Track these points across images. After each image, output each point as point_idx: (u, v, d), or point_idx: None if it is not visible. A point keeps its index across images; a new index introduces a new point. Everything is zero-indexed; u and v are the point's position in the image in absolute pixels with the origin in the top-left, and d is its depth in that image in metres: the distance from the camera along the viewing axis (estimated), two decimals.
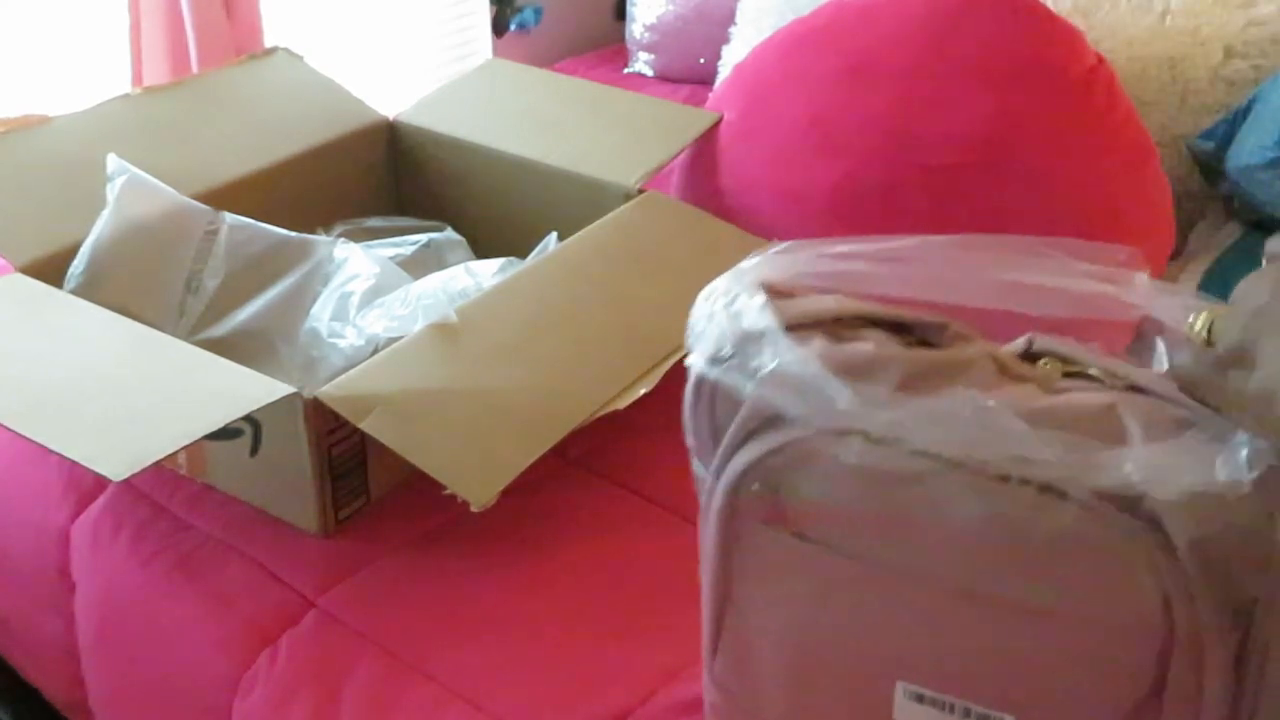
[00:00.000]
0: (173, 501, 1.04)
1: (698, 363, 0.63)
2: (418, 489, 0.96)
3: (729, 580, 0.67)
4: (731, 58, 1.79)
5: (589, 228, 1.17)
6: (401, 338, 1.01)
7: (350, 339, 1.07)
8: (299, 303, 1.13)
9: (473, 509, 0.88)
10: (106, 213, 1.11)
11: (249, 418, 0.95)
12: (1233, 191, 1.41)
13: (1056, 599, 0.58)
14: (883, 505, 0.59)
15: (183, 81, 1.39)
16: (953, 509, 0.58)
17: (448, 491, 0.89)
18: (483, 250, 1.29)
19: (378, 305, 1.09)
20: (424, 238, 1.26)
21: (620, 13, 2.30)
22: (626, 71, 2.16)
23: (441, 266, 1.19)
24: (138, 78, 1.76)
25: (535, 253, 1.18)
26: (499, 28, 2.24)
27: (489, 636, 0.90)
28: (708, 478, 0.65)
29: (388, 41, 2.12)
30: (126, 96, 1.31)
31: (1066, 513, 0.56)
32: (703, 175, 1.37)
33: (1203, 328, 0.55)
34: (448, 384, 0.97)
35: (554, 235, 1.20)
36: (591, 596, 0.93)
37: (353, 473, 0.99)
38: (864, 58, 1.28)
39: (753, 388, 0.60)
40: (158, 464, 0.84)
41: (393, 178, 1.44)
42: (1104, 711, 0.59)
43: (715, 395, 0.63)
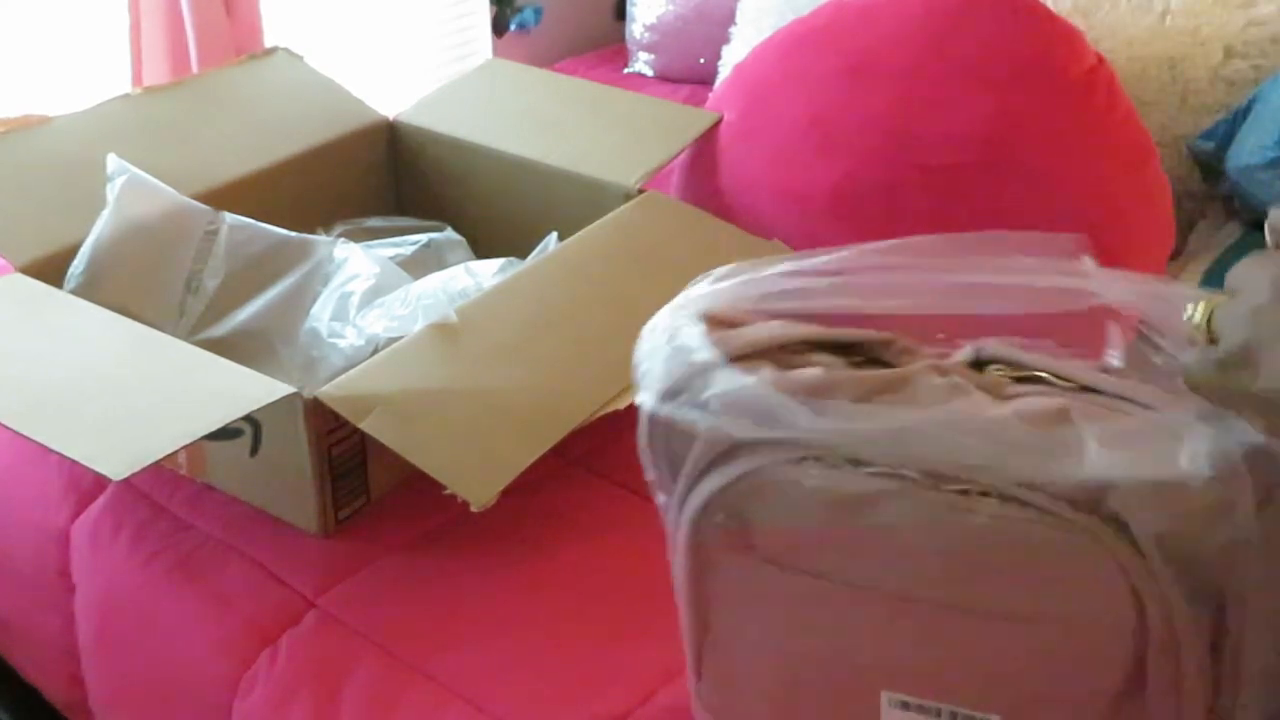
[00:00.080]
0: (173, 501, 1.04)
1: (647, 400, 0.62)
2: (418, 489, 0.96)
3: (704, 608, 0.66)
4: (731, 58, 1.79)
5: (589, 228, 1.17)
6: (401, 338, 1.01)
7: (350, 339, 1.07)
8: (299, 303, 1.13)
9: (473, 509, 0.88)
10: (106, 213, 1.11)
11: (249, 418, 0.95)
12: (1233, 191, 1.41)
13: (1030, 604, 0.58)
14: (848, 526, 0.59)
15: (183, 81, 1.39)
16: (917, 525, 0.58)
17: (448, 491, 0.89)
18: (483, 250, 1.29)
19: (378, 305, 1.09)
20: (424, 238, 1.26)
21: (620, 13, 2.30)
22: (626, 71, 2.16)
23: (441, 266, 1.19)
24: (138, 78, 1.76)
25: (535, 253, 1.18)
26: (499, 28, 2.24)
27: (489, 636, 0.90)
28: (671, 509, 0.65)
29: (388, 41, 2.13)
30: (126, 96, 1.31)
31: (1029, 520, 0.56)
32: (703, 175, 1.37)
33: (1201, 319, 0.54)
34: (448, 384, 0.97)
35: (554, 235, 1.20)
36: (592, 596, 0.93)
37: (353, 473, 0.99)
38: (864, 58, 1.28)
39: (707, 420, 0.60)
40: (158, 464, 0.84)
41: (393, 178, 1.44)
42: (1088, 705, 0.59)
43: (669, 430, 0.63)
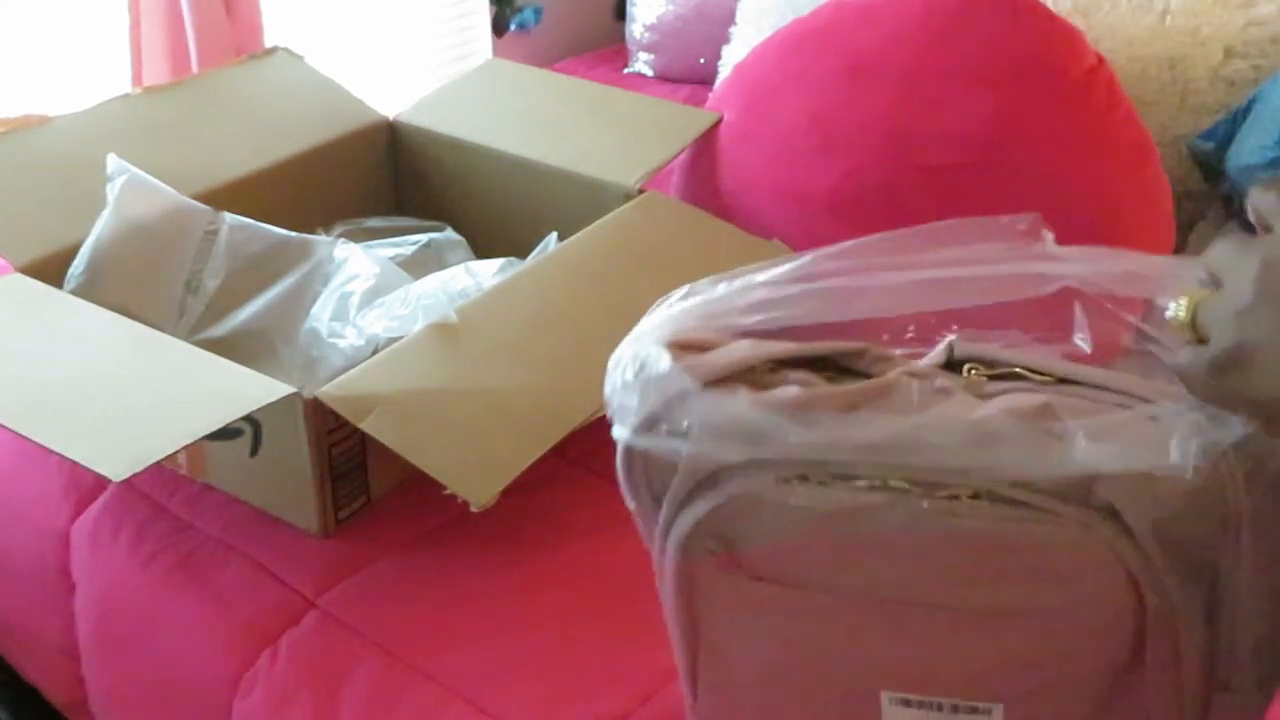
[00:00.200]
0: (173, 502, 1.04)
1: (623, 434, 0.61)
2: (418, 489, 0.96)
3: (695, 627, 0.66)
4: (731, 58, 1.79)
5: (589, 228, 1.17)
6: (401, 338, 1.01)
7: (350, 339, 1.07)
8: (299, 303, 1.13)
9: (473, 509, 0.88)
10: (106, 213, 1.11)
11: (249, 418, 0.95)
12: (1233, 191, 1.41)
13: (1028, 599, 0.58)
14: (840, 539, 0.59)
15: (183, 81, 1.39)
16: (910, 535, 0.58)
17: (448, 491, 0.89)
18: (483, 250, 1.29)
19: (378, 305, 1.09)
20: (424, 238, 1.26)
21: (620, 13, 2.30)
22: (626, 71, 2.16)
23: (441, 266, 1.19)
24: (138, 78, 1.76)
25: (535, 253, 1.18)
26: (499, 28, 2.24)
27: (489, 636, 0.90)
28: (655, 536, 0.64)
29: (388, 41, 2.12)
30: (126, 96, 1.31)
31: (1023, 519, 0.56)
32: (703, 175, 1.37)
33: (1187, 315, 0.54)
34: (448, 384, 0.96)
35: (554, 235, 1.20)
36: (591, 596, 0.93)
37: (353, 473, 0.99)
38: (864, 58, 1.28)
39: (690, 447, 0.59)
40: (158, 464, 0.84)
41: (393, 178, 1.44)
42: (1088, 684, 0.60)
43: (648, 461, 0.62)
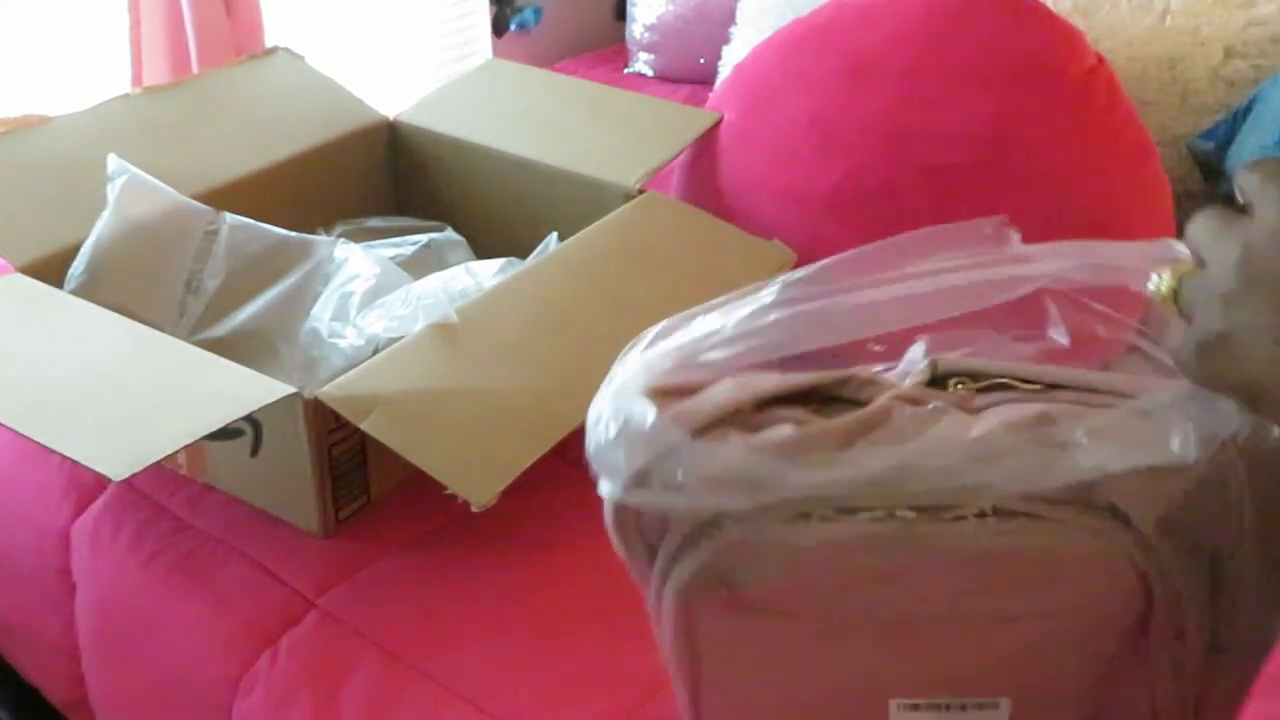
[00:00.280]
0: (173, 501, 1.04)
1: (613, 490, 0.59)
2: (418, 489, 0.96)
3: (697, 666, 0.65)
4: (731, 58, 1.79)
5: (589, 228, 1.17)
6: (402, 338, 1.01)
7: (350, 339, 1.07)
8: (299, 303, 1.13)
9: (473, 509, 0.88)
10: (106, 213, 1.11)
11: (249, 418, 0.95)
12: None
13: (1037, 604, 0.58)
14: (846, 571, 0.58)
15: (183, 81, 1.39)
16: (920, 561, 0.57)
17: (448, 491, 0.89)
18: (483, 250, 1.29)
19: (378, 305, 1.09)
20: (424, 238, 1.26)
21: (620, 13, 2.30)
22: (626, 71, 2.16)
23: (442, 266, 1.19)
24: (138, 78, 1.76)
25: (536, 253, 1.18)
26: (499, 28, 2.24)
27: (489, 636, 0.90)
28: (651, 583, 0.62)
29: (388, 41, 2.13)
30: (126, 96, 1.31)
31: (1031, 531, 0.56)
32: (703, 175, 1.37)
33: (1169, 290, 0.54)
34: (448, 384, 0.97)
35: (554, 235, 1.20)
36: (591, 596, 0.93)
37: (353, 473, 0.99)
38: (864, 58, 1.28)
39: (684, 500, 0.57)
40: (158, 464, 0.84)
41: (393, 178, 1.44)
42: (1092, 670, 0.60)
43: (640, 514, 0.60)
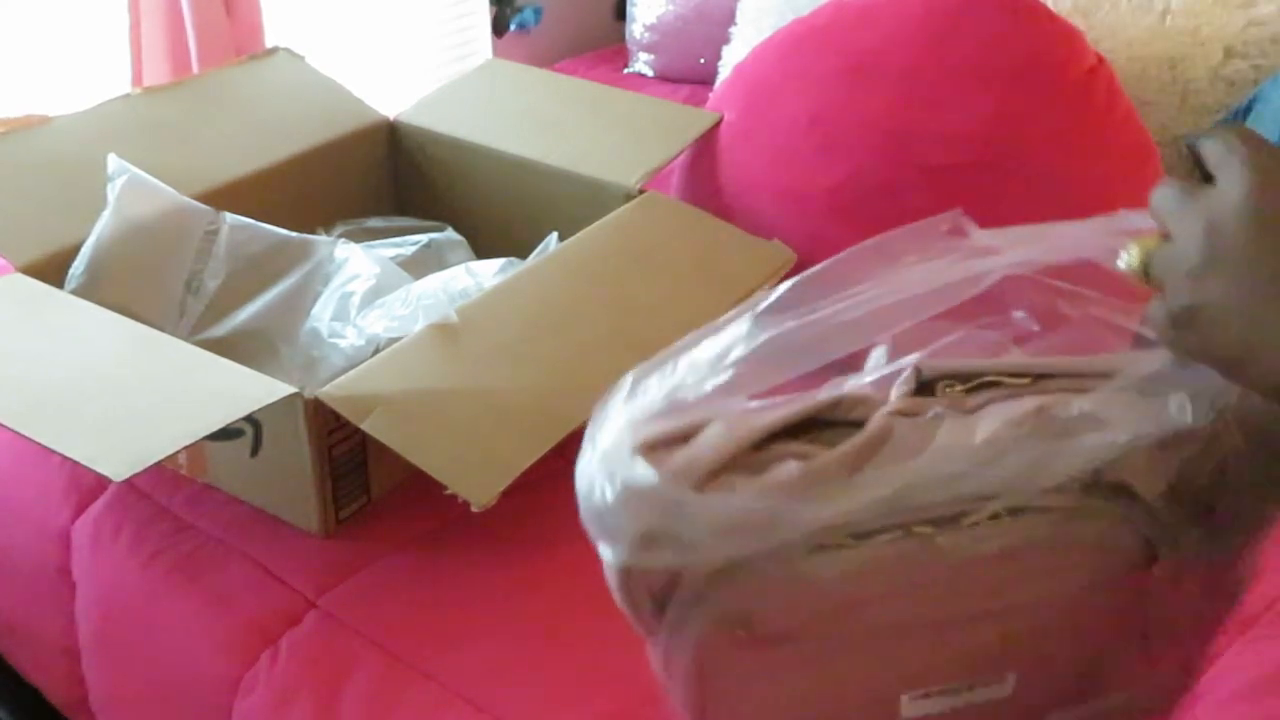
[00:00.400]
0: (173, 502, 1.04)
1: (620, 555, 0.57)
2: (418, 489, 0.96)
3: (705, 703, 0.64)
4: (731, 58, 1.79)
5: (589, 228, 1.17)
6: (402, 338, 1.01)
7: (351, 339, 1.07)
8: (299, 303, 1.13)
9: (473, 509, 0.88)
10: (107, 213, 1.11)
11: (250, 418, 0.95)
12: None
13: (1049, 588, 0.59)
14: (865, 591, 0.58)
15: (183, 81, 1.39)
16: (939, 572, 0.57)
17: (448, 491, 0.89)
18: (483, 250, 1.29)
19: (378, 305, 1.09)
20: (424, 238, 1.26)
21: (620, 13, 2.30)
22: (626, 71, 2.16)
23: (442, 266, 1.19)
24: (138, 78, 1.76)
25: (536, 253, 1.18)
26: (499, 28, 2.24)
27: (489, 636, 0.90)
28: (661, 634, 0.61)
29: (388, 41, 2.12)
30: (126, 96, 1.31)
31: (1044, 524, 0.56)
32: (703, 175, 1.37)
33: (1139, 265, 0.55)
34: (448, 384, 0.97)
35: (554, 235, 1.20)
36: (592, 596, 0.92)
37: (353, 473, 0.99)
38: (864, 58, 1.28)
39: (699, 554, 0.55)
40: (158, 464, 0.84)
41: (393, 178, 1.44)
42: (1096, 633, 0.61)
43: (647, 573, 0.59)
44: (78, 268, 1.09)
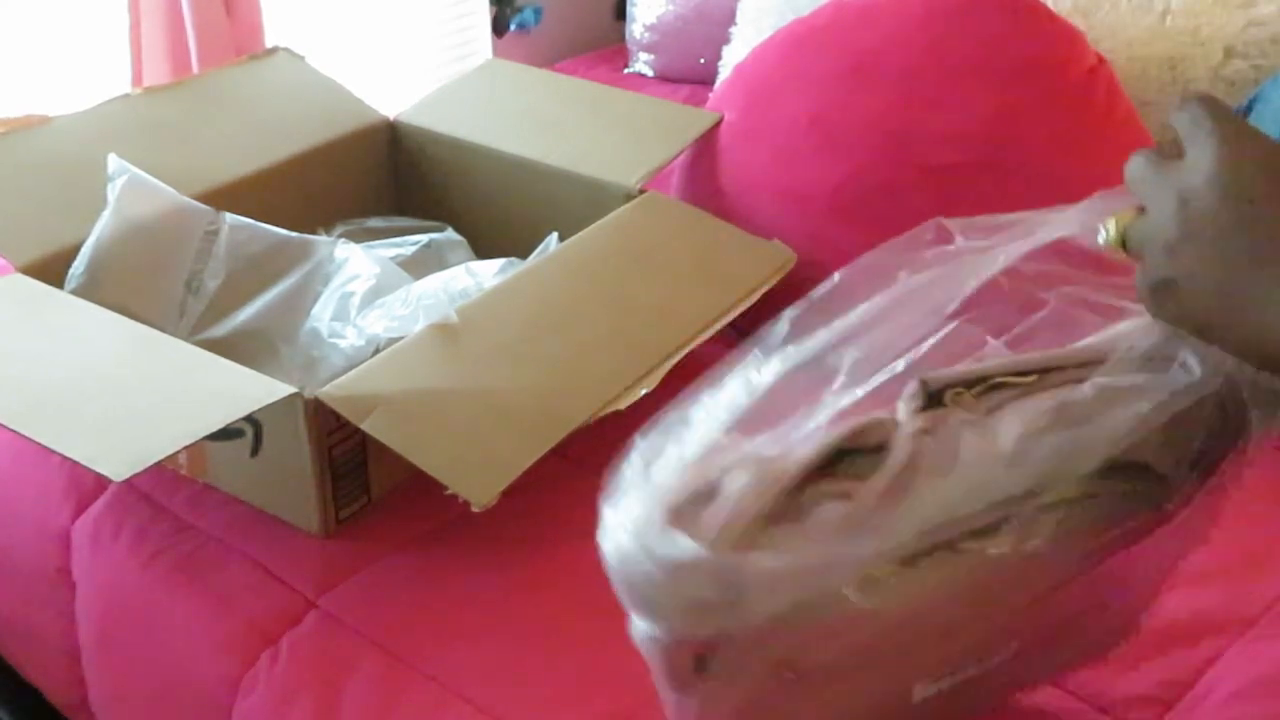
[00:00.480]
0: (173, 502, 1.04)
1: (671, 631, 0.56)
2: (418, 489, 0.96)
3: None
4: (731, 58, 1.79)
5: (589, 228, 1.17)
6: (402, 338, 1.01)
7: (351, 339, 1.07)
8: (299, 303, 1.13)
9: (474, 509, 0.88)
10: (107, 213, 1.11)
11: (250, 418, 0.95)
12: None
13: (1066, 569, 0.60)
14: (913, 612, 0.58)
15: (183, 81, 1.39)
16: (986, 579, 0.58)
17: (448, 491, 0.89)
18: (483, 250, 1.29)
19: (378, 305, 1.09)
20: (424, 238, 1.26)
21: (620, 13, 2.30)
22: (626, 71, 2.16)
23: (442, 267, 1.19)
24: (138, 78, 1.76)
25: (536, 253, 1.18)
26: (499, 28, 2.24)
27: (489, 636, 0.90)
28: (701, 689, 0.60)
29: (388, 41, 2.12)
30: (126, 96, 1.31)
31: (1077, 514, 0.57)
32: (703, 175, 1.37)
33: (1117, 239, 0.56)
34: (448, 384, 0.97)
35: (554, 235, 1.20)
36: (592, 596, 0.92)
37: (353, 473, 0.99)
38: (864, 58, 1.28)
39: (754, 612, 0.54)
40: (158, 464, 0.84)
41: (393, 178, 1.44)
42: (1094, 591, 0.63)
43: (694, 639, 0.58)
44: (78, 268, 1.09)
